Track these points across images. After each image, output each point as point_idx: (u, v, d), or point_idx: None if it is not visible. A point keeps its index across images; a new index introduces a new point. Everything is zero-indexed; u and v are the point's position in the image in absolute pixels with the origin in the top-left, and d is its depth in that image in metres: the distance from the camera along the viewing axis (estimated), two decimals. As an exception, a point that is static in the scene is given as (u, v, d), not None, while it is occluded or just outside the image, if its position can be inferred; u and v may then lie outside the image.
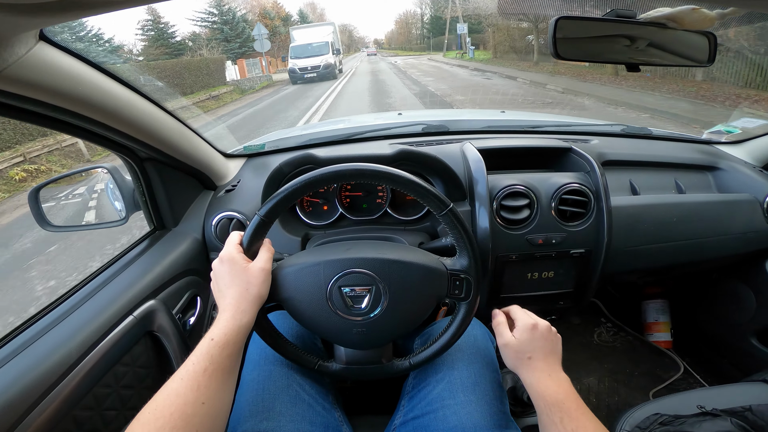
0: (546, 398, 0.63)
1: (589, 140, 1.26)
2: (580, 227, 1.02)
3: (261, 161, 1.22)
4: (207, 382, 0.53)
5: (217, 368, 0.55)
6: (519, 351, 0.70)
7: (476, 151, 1.05)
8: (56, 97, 0.60)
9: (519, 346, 0.70)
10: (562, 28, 0.68)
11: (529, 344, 0.69)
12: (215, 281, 0.66)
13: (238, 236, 0.68)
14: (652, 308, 1.70)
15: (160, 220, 1.00)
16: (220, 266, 0.66)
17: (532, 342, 0.69)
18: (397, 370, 0.76)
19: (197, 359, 0.55)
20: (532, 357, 0.68)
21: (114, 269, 0.86)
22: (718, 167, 1.25)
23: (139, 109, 0.76)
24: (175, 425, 0.48)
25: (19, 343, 0.64)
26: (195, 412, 0.51)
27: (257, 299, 0.64)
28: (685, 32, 0.72)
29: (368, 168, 0.66)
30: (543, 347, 0.69)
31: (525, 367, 0.69)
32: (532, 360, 0.68)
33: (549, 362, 0.68)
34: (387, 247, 0.74)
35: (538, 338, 0.70)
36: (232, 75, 20.27)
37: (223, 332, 0.58)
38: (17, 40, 0.48)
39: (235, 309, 0.61)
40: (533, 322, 0.71)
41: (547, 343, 0.70)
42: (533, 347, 0.69)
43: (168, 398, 0.51)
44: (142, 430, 0.48)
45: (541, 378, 0.66)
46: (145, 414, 0.49)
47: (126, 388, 0.74)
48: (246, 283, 0.63)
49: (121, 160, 0.89)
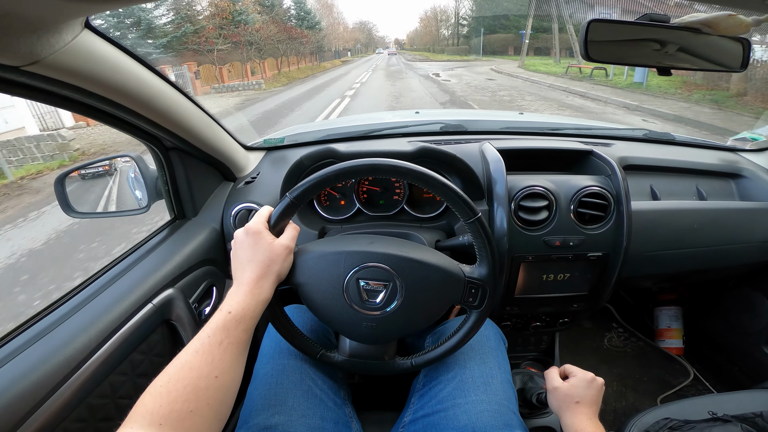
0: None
1: (610, 144, 1.25)
2: (598, 230, 1.02)
3: (280, 154, 1.23)
4: (221, 355, 0.53)
5: (233, 342, 0.54)
6: (569, 395, 0.75)
7: (496, 151, 1.05)
8: (95, 85, 0.61)
9: (570, 391, 0.76)
10: (594, 31, 0.67)
11: (581, 392, 0.75)
12: (235, 252, 0.65)
13: (267, 212, 0.68)
14: (665, 315, 1.69)
15: (180, 209, 1.01)
16: (244, 237, 0.64)
17: (585, 391, 0.75)
18: (399, 368, 0.76)
19: (213, 332, 0.54)
20: (579, 402, 0.74)
21: (135, 257, 0.88)
22: (741, 175, 1.23)
23: (169, 99, 0.77)
24: (188, 398, 0.48)
25: (40, 329, 0.65)
26: (208, 386, 0.50)
27: (276, 276, 0.63)
28: (718, 38, 0.71)
29: (402, 165, 0.66)
30: (592, 396, 0.75)
31: (570, 410, 0.74)
32: (579, 405, 0.74)
33: (593, 410, 0.74)
34: (409, 246, 0.74)
35: (592, 389, 0.75)
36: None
37: (242, 306, 0.57)
38: (65, 26, 0.49)
39: (255, 284, 0.61)
40: (592, 376, 0.77)
41: (596, 395, 0.76)
42: (584, 395, 0.75)
43: (182, 371, 0.50)
44: (153, 403, 0.47)
45: (582, 420, 0.72)
46: (157, 386, 0.49)
47: (141, 376, 0.75)
48: (268, 259, 0.62)
49: (147, 148, 0.91)
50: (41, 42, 0.47)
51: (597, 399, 0.76)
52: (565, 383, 0.78)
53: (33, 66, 0.50)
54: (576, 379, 0.77)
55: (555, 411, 0.78)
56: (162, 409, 0.46)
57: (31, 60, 0.48)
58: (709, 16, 0.65)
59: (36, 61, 0.49)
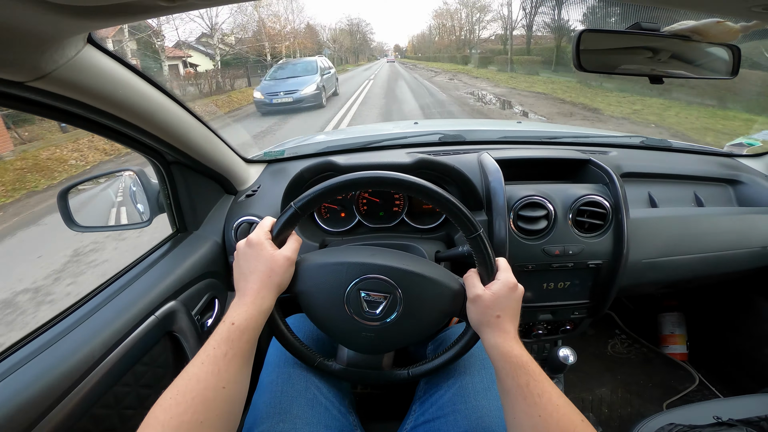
0: (512, 360, 0.59)
1: (608, 152, 1.26)
2: (597, 239, 1.02)
3: (280, 167, 1.24)
4: (227, 366, 0.53)
5: (237, 353, 0.55)
6: (490, 307, 0.64)
7: (494, 162, 1.06)
8: (97, 99, 0.62)
9: (492, 302, 0.64)
10: (585, 41, 0.69)
11: (503, 302, 0.64)
12: (238, 263, 0.66)
13: (270, 223, 0.68)
14: (668, 320, 1.68)
15: (182, 222, 1.02)
16: (246, 249, 0.65)
17: (507, 301, 0.65)
18: (396, 378, 0.76)
19: (217, 344, 0.55)
20: (500, 316, 0.63)
21: (137, 270, 0.88)
22: (738, 180, 1.24)
23: (171, 113, 0.78)
24: (196, 409, 0.49)
25: (45, 340, 0.65)
26: (215, 397, 0.51)
27: (278, 287, 0.64)
28: (709, 45, 0.72)
29: (406, 179, 0.66)
30: (514, 309, 0.65)
31: (491, 326, 0.63)
32: (500, 320, 0.63)
33: (514, 326, 0.64)
34: (410, 259, 0.75)
35: (513, 299, 0.65)
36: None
37: (244, 317, 0.58)
38: (68, 42, 0.50)
39: (256, 294, 0.61)
40: (515, 282, 0.67)
41: (517, 307, 0.66)
42: (505, 306, 0.64)
43: (189, 383, 0.51)
44: (164, 415, 0.48)
45: (506, 339, 0.62)
46: (167, 399, 0.49)
47: (144, 387, 0.75)
48: (269, 269, 0.63)
49: (149, 162, 0.92)
50: (45, 57, 0.48)
51: (518, 313, 0.66)
52: (487, 291, 0.65)
53: (37, 81, 0.51)
54: (497, 285, 0.65)
55: (474, 326, 0.67)
56: (172, 420, 0.47)
57: (35, 75, 0.49)
58: (698, 24, 0.67)
59: (40, 77, 0.50)
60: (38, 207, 5.51)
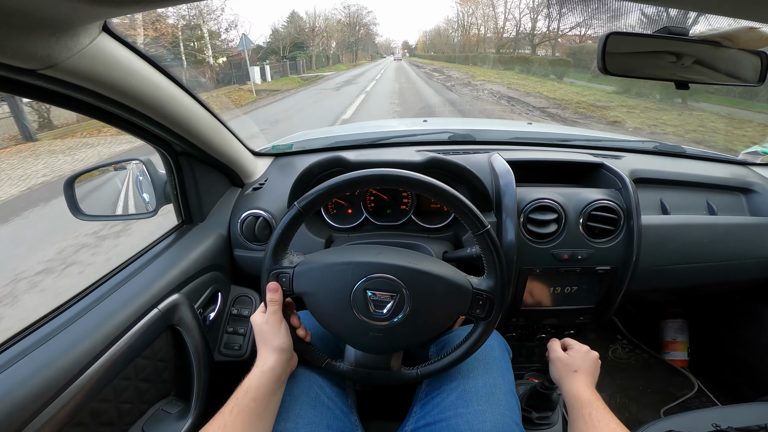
0: (581, 399, 0.72)
1: (621, 156, 1.24)
2: (607, 244, 1.01)
3: (288, 161, 1.22)
4: (233, 421, 0.59)
5: (242, 409, 0.61)
6: (568, 364, 0.82)
7: (505, 163, 1.04)
8: (109, 89, 0.60)
9: (569, 361, 0.82)
10: (612, 44, 0.67)
11: (578, 361, 0.81)
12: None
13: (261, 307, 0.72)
14: (670, 327, 1.68)
15: (188, 214, 1.01)
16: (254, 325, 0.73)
17: (583, 360, 0.82)
18: (405, 378, 0.76)
19: (229, 401, 0.62)
20: (578, 371, 0.80)
21: (142, 261, 0.87)
22: (752, 189, 1.22)
23: (181, 104, 0.77)
24: None
25: (46, 332, 0.64)
26: None
27: (271, 347, 0.69)
28: (737, 51, 0.70)
29: (412, 176, 0.66)
30: (589, 367, 0.81)
31: (569, 378, 0.79)
32: (578, 373, 0.79)
33: (590, 378, 0.79)
34: (417, 257, 0.74)
35: (588, 360, 0.82)
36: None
37: (247, 378, 0.66)
38: (83, 30, 0.49)
39: (258, 358, 0.69)
40: (587, 348, 0.85)
41: (592, 365, 0.82)
42: (581, 364, 0.81)
43: None
44: None
45: (580, 386, 0.76)
46: None
47: (144, 381, 0.75)
48: (261, 337, 0.70)
49: (158, 152, 0.90)
50: (59, 45, 0.47)
51: (593, 369, 0.82)
52: (565, 354, 0.85)
53: (49, 69, 0.49)
54: (574, 351, 0.84)
55: (556, 380, 0.84)
56: None
57: (48, 63, 0.48)
58: (729, 30, 0.65)
59: (53, 65, 0.48)
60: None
